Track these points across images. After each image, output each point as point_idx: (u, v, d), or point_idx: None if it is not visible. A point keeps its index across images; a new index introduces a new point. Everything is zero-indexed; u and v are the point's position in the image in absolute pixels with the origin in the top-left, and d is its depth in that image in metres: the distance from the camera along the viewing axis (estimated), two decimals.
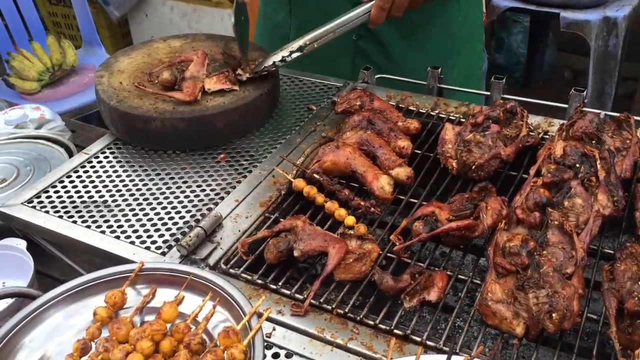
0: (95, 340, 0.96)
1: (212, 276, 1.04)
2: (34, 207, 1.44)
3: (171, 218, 1.39)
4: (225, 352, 0.91)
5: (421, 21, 1.91)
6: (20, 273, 1.58)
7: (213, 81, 1.65)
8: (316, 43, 1.63)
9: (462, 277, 1.23)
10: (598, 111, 1.57)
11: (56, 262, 1.53)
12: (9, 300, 1.39)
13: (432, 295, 1.14)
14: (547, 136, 1.57)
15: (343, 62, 1.96)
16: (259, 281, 1.21)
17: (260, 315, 0.98)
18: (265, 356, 1.05)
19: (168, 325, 0.99)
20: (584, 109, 1.57)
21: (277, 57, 1.65)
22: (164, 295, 1.06)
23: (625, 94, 4.33)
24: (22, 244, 1.61)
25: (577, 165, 1.34)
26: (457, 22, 1.98)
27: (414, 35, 1.92)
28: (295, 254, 1.22)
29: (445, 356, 0.97)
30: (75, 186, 1.51)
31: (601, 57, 3.53)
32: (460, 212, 1.27)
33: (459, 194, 1.34)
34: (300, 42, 1.63)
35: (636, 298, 1.03)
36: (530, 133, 1.55)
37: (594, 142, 1.41)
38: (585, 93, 1.61)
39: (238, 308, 0.98)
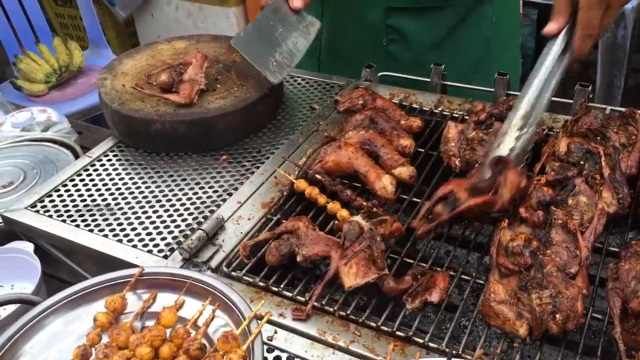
0: (96, 347, 0.96)
1: (212, 280, 1.04)
2: (37, 211, 1.44)
3: (173, 221, 1.39)
4: (225, 357, 0.91)
5: (453, 24, 1.87)
6: (28, 276, 1.59)
7: (353, 271, 1.16)
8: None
9: (465, 277, 1.22)
10: (603, 106, 1.55)
11: (63, 265, 1.54)
12: (15, 306, 1.40)
13: (434, 296, 1.13)
14: (551, 133, 1.56)
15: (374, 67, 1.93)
16: (261, 284, 1.21)
17: (260, 318, 0.98)
18: None
19: (168, 331, 0.99)
20: (590, 104, 1.55)
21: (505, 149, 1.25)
22: (165, 300, 1.06)
23: (635, 86, 4.27)
24: (29, 246, 1.62)
25: (582, 162, 1.32)
26: (492, 23, 1.91)
27: (446, 39, 1.88)
28: (298, 259, 1.21)
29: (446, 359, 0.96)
30: (79, 190, 1.51)
31: (609, 49, 3.48)
32: (478, 187, 1.25)
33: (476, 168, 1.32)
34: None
35: None
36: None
37: (598, 138, 1.39)
38: (590, 88, 1.59)
39: (238, 312, 0.98)
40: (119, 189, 1.51)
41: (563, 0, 1.26)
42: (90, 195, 1.49)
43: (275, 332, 1.11)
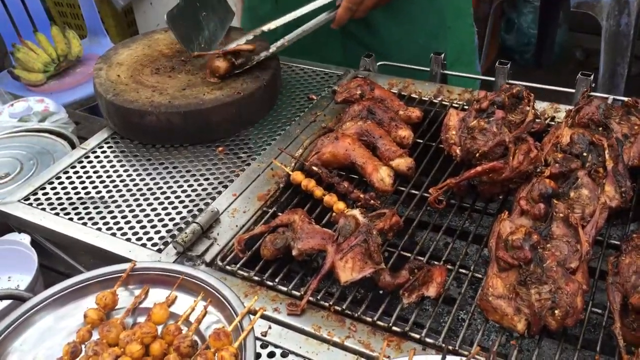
0: (86, 343, 0.95)
1: (204, 276, 1.02)
2: (30, 204, 1.43)
3: (168, 214, 1.37)
4: (216, 354, 0.89)
5: None
6: (25, 268, 1.58)
7: (349, 266, 1.15)
8: (287, 42, 1.71)
9: (463, 270, 1.20)
10: (606, 96, 1.53)
11: (60, 257, 1.52)
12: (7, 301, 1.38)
13: (431, 291, 1.11)
14: (552, 123, 1.53)
15: (333, 47, 1.93)
16: (256, 278, 1.19)
17: (254, 314, 0.96)
18: (260, 356, 1.04)
19: (160, 327, 0.97)
20: (592, 93, 1.52)
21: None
22: (157, 295, 1.04)
23: (638, 73, 4.24)
24: (26, 238, 1.60)
25: (585, 154, 1.30)
26: None
27: (401, 12, 1.89)
28: (294, 253, 1.19)
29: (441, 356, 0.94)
30: (72, 182, 1.50)
31: (613, 37, 3.44)
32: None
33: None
34: (275, 47, 1.71)
35: None
36: (537, 119, 1.51)
37: (600, 129, 1.37)
38: (592, 77, 1.57)
39: (230, 309, 0.96)
40: (113, 181, 1.49)
41: None
42: (84, 188, 1.47)
43: (270, 328, 1.09)
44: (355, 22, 1.89)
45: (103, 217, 1.38)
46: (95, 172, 1.52)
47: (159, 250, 1.27)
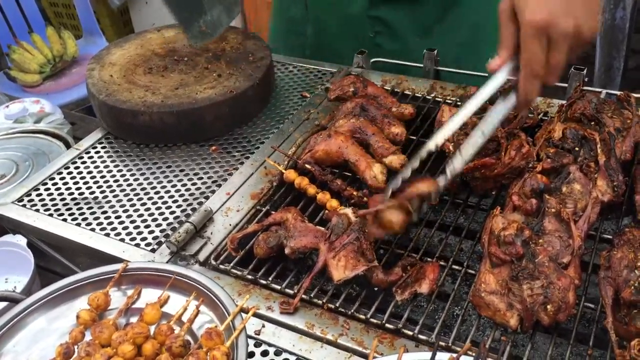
0: (78, 344, 0.95)
1: (196, 275, 1.02)
2: (24, 205, 1.43)
3: (161, 213, 1.38)
4: (208, 354, 0.89)
5: (439, 13, 1.83)
6: (22, 269, 1.58)
7: (342, 264, 1.14)
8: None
9: (457, 267, 1.21)
10: (599, 90, 1.53)
11: (56, 258, 1.53)
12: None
13: (424, 288, 1.11)
14: (545, 117, 1.53)
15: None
16: (249, 276, 1.19)
17: (247, 313, 0.96)
18: (253, 355, 1.04)
19: (152, 327, 0.97)
20: (588, 87, 1.52)
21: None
22: (150, 295, 1.05)
23: (635, 67, 4.22)
24: (22, 240, 1.61)
25: (577, 148, 1.30)
26: (481, 9, 1.84)
27: (433, 27, 1.85)
28: (286, 251, 1.20)
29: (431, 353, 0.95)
30: (66, 183, 1.50)
31: (609, 31, 3.43)
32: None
33: None
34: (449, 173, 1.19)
35: (632, 287, 0.99)
36: (529, 115, 1.51)
37: (593, 123, 1.37)
38: (585, 72, 1.56)
39: (222, 308, 0.96)
40: (107, 181, 1.49)
41: (507, 32, 1.14)
42: (78, 189, 1.47)
43: (263, 326, 1.10)
44: (385, 38, 1.85)
45: (97, 218, 1.38)
46: (88, 172, 1.53)
47: (153, 250, 1.27)
